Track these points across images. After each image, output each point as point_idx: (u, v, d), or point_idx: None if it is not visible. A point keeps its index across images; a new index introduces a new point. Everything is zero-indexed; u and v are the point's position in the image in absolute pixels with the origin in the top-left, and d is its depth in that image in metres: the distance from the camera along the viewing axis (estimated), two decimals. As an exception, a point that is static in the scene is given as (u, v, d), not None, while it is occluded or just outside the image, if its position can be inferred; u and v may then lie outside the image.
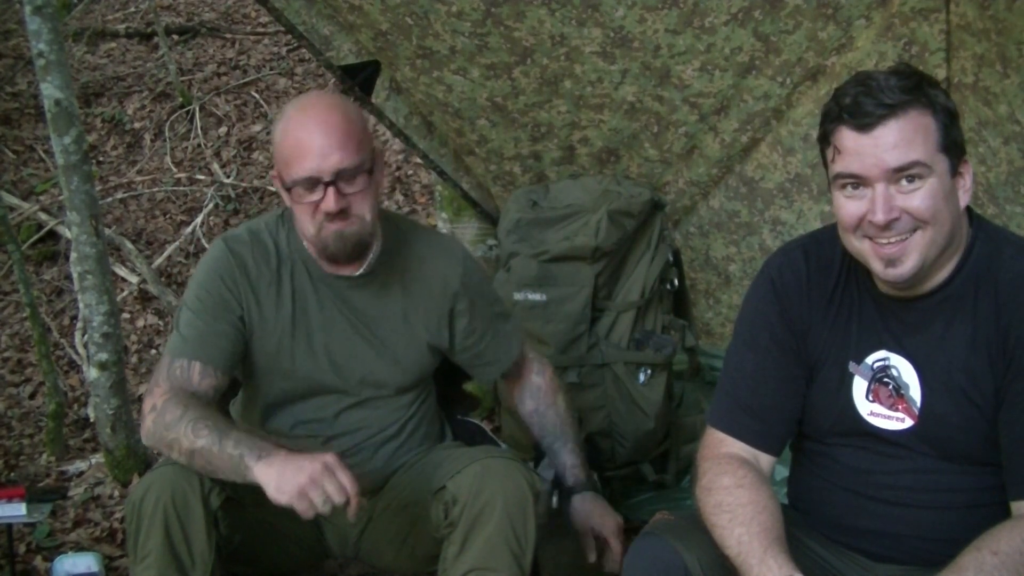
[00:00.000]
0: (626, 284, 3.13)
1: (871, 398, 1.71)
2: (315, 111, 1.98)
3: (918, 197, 1.57)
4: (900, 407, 1.68)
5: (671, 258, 3.23)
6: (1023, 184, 2.76)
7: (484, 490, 1.90)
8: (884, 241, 1.60)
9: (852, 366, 1.72)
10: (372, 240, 2.07)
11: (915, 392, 1.67)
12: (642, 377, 3.05)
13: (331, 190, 1.94)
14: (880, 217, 1.57)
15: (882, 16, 2.86)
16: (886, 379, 1.69)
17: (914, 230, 1.59)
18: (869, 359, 1.71)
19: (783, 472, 1.92)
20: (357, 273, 2.08)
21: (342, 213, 1.96)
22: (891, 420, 1.69)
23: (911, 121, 1.57)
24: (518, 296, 3.10)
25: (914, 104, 1.57)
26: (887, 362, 1.70)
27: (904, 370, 1.68)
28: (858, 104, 1.57)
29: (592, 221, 3.06)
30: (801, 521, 1.79)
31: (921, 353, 1.67)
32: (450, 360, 2.27)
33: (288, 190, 1.99)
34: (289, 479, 1.73)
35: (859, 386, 1.72)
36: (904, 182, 1.57)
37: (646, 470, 3.12)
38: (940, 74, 2.85)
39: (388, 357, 2.13)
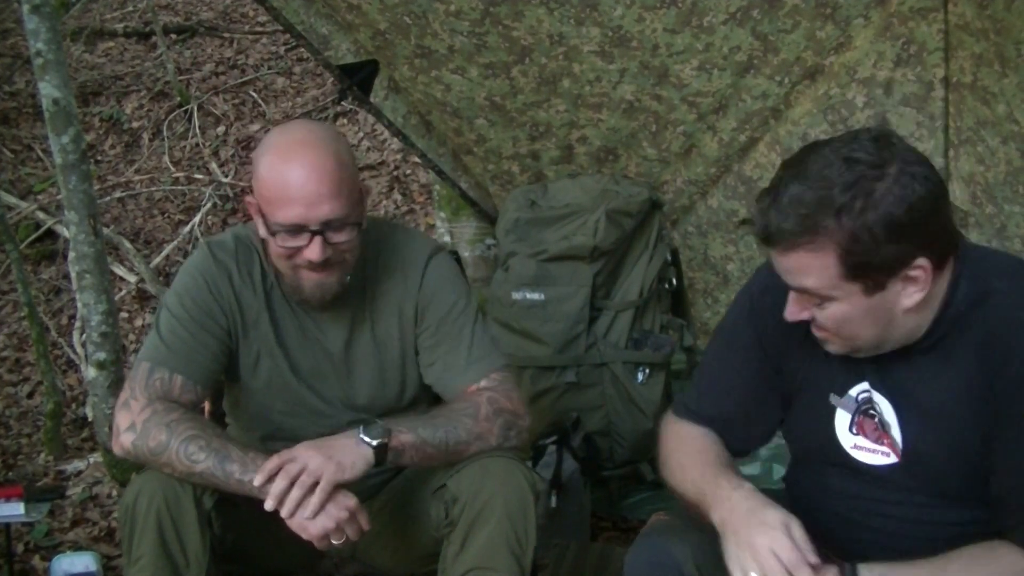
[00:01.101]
0: (624, 283, 3.13)
1: (855, 430, 1.65)
2: (307, 151, 1.82)
3: (822, 315, 1.53)
4: (885, 441, 1.62)
5: (669, 257, 3.23)
6: (1021, 184, 2.76)
7: (484, 489, 1.88)
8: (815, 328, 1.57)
9: (834, 398, 1.66)
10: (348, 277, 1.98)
11: (895, 432, 1.61)
12: (640, 376, 3.05)
13: (317, 239, 1.82)
14: (790, 319, 1.56)
15: (880, 15, 2.86)
16: (871, 411, 1.63)
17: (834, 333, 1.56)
18: (853, 391, 1.65)
19: (780, 472, 1.91)
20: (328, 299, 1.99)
21: (325, 263, 1.86)
22: (876, 455, 1.63)
23: (799, 258, 1.49)
24: (516, 296, 3.10)
25: (804, 243, 1.46)
26: (872, 395, 1.63)
27: (885, 409, 1.62)
28: (760, 215, 1.51)
29: (590, 220, 3.06)
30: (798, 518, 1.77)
31: (902, 392, 1.61)
32: None
33: (271, 232, 1.86)
34: (314, 520, 1.77)
35: (842, 419, 1.66)
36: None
37: (644, 469, 3.12)
38: (939, 73, 2.85)
39: (365, 380, 2.07)
